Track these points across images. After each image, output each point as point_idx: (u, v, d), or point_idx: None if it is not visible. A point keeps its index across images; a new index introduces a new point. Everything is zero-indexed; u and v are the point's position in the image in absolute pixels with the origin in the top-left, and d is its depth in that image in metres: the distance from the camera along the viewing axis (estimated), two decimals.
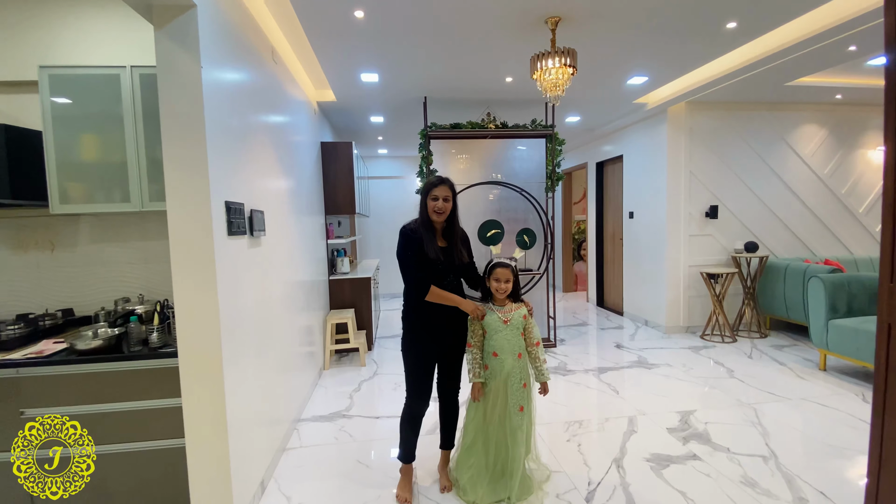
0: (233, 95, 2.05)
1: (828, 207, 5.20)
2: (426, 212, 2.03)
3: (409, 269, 1.98)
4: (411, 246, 1.98)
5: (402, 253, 1.99)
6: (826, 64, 3.66)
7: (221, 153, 1.87)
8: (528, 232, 4.47)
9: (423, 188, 2.06)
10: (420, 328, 2.04)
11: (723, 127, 4.93)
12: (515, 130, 4.37)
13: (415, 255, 1.97)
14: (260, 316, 2.29)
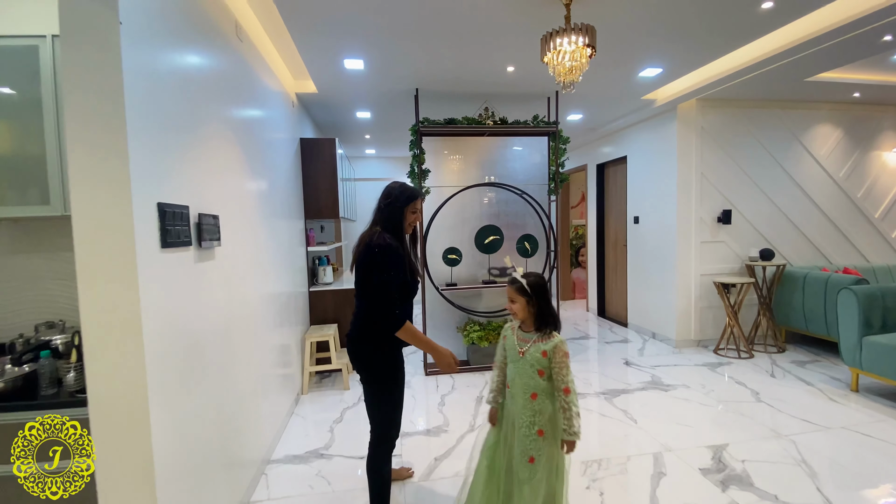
0: (177, 74, 1.61)
1: (843, 212, 4.91)
2: (402, 224, 1.81)
3: (391, 292, 1.68)
4: (399, 265, 1.71)
5: (384, 273, 1.67)
6: (855, 56, 3.35)
7: (157, 145, 1.44)
8: (529, 238, 4.08)
9: (404, 197, 1.81)
10: (393, 350, 1.79)
11: (735, 126, 4.61)
12: (516, 127, 3.98)
13: (399, 276, 1.71)
14: (214, 339, 1.84)
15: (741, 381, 3.62)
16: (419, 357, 4.42)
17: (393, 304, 1.67)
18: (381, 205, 1.82)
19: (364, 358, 1.77)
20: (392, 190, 1.82)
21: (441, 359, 1.77)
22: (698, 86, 3.97)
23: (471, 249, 4.07)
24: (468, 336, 3.94)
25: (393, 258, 1.69)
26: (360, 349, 1.77)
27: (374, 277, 1.67)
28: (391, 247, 1.70)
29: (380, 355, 1.75)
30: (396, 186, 1.84)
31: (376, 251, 1.68)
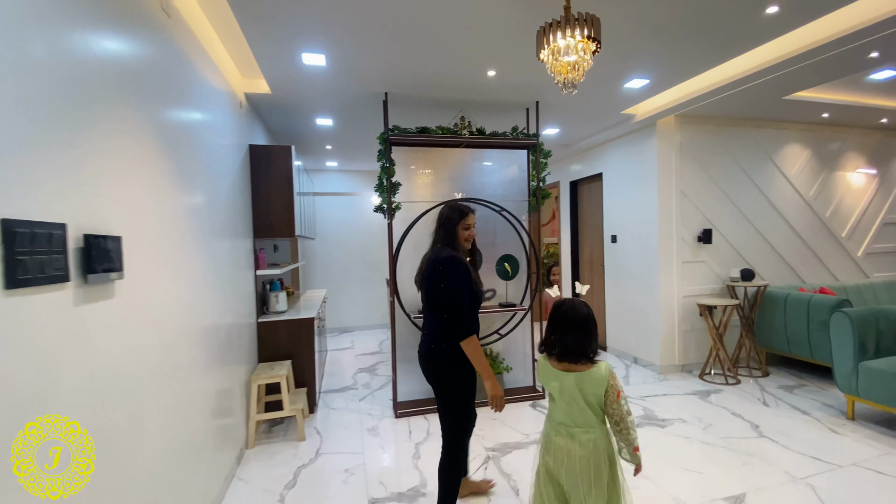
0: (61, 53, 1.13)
1: (814, 232, 4.91)
2: (457, 241, 1.95)
3: (463, 306, 1.78)
4: (468, 280, 1.83)
5: (458, 287, 1.79)
6: (840, 72, 3.27)
7: (10, 138, 0.94)
8: (509, 259, 3.72)
9: (455, 215, 1.96)
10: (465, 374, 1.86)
11: (712, 143, 4.52)
12: (494, 138, 3.65)
13: (467, 287, 1.82)
14: (110, 404, 1.31)
15: (737, 413, 3.37)
16: (386, 395, 3.92)
17: (465, 313, 1.76)
18: (437, 227, 1.99)
19: (438, 375, 1.86)
20: (443, 211, 2.00)
21: (496, 390, 1.80)
22: (679, 101, 3.83)
23: None
24: None
25: (459, 269, 1.81)
26: (432, 366, 1.86)
27: (445, 290, 1.77)
28: (455, 259, 1.82)
29: (453, 373, 1.82)
30: (447, 207, 2.01)
31: (443, 265, 1.81)
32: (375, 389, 4.11)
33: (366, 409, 3.63)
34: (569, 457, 1.50)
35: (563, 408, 1.54)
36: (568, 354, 1.52)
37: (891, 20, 2.43)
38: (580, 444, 1.49)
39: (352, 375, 4.55)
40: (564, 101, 3.79)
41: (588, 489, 1.48)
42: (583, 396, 1.49)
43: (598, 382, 1.48)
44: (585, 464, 1.48)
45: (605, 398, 1.48)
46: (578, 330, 1.51)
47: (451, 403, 1.88)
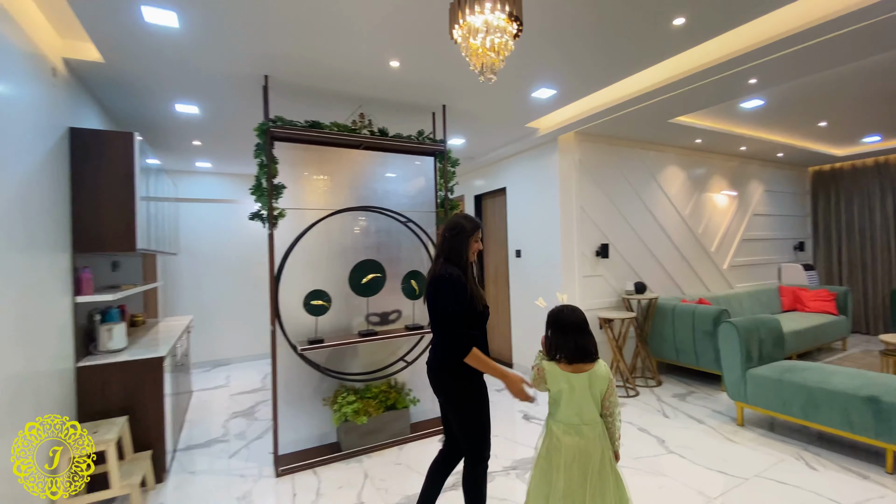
0: None
1: (690, 247, 5.37)
2: (467, 254, 1.90)
3: (459, 323, 1.76)
4: (463, 295, 1.79)
5: (451, 303, 1.75)
6: (723, 97, 3.52)
7: None
8: (416, 276, 3.32)
9: (467, 226, 1.91)
10: (472, 382, 1.82)
11: (607, 161, 4.68)
12: (399, 141, 3.25)
13: (465, 306, 1.79)
14: None
15: (643, 428, 3.35)
16: (266, 446, 3.20)
17: (460, 330, 1.74)
18: (446, 235, 1.91)
19: (443, 386, 1.85)
20: (456, 221, 1.93)
21: (512, 385, 1.78)
22: (579, 118, 3.85)
23: (343, 291, 3.13)
24: (339, 410, 2.92)
25: (455, 286, 1.78)
26: (438, 377, 1.86)
27: (439, 306, 1.77)
28: (453, 276, 1.79)
29: (456, 383, 1.82)
30: (459, 217, 1.95)
31: (438, 281, 1.79)
32: (252, 440, 3.35)
33: (237, 469, 2.89)
34: (580, 452, 1.58)
35: (571, 407, 1.63)
36: (581, 355, 1.63)
37: (771, 46, 2.59)
38: (588, 439, 1.60)
39: (223, 423, 3.70)
40: (472, 108, 3.56)
41: (603, 477, 1.57)
42: (590, 393, 1.62)
43: (603, 378, 1.63)
44: (598, 455, 1.59)
45: (607, 391, 1.64)
46: (583, 332, 1.66)
47: (463, 418, 1.84)
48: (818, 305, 5.57)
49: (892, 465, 2.53)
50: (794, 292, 5.86)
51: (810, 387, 2.89)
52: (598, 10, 2.24)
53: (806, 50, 2.63)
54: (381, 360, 3.31)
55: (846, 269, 6.52)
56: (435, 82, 3.02)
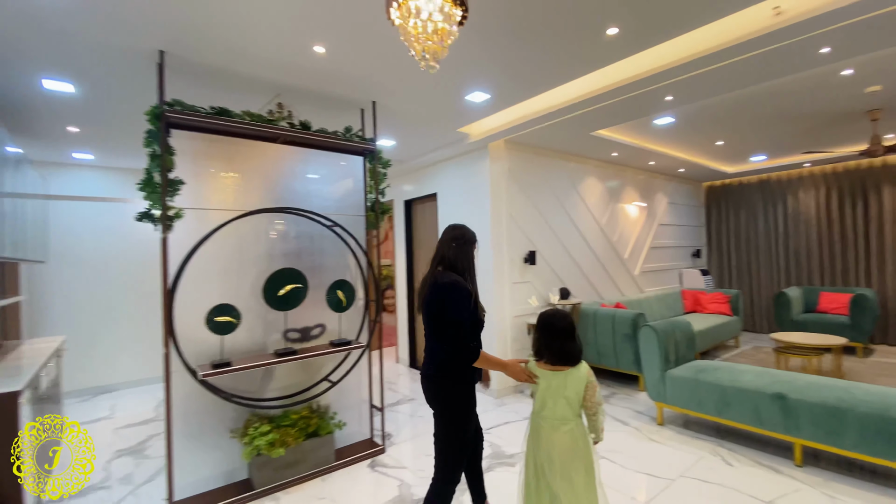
0: None
1: (606, 254, 5.66)
2: (473, 263, 1.95)
3: (466, 330, 1.77)
4: (468, 300, 1.81)
5: (459, 312, 1.76)
6: (640, 113, 3.72)
7: None
8: (343, 286, 3.03)
9: (469, 238, 1.97)
10: (470, 388, 1.86)
11: (534, 171, 4.77)
12: (324, 137, 2.96)
13: (471, 314, 1.82)
14: None
15: None
16: (159, 490, 2.68)
17: (468, 337, 1.77)
18: (449, 244, 1.93)
19: (442, 394, 1.83)
20: (462, 231, 1.98)
21: (512, 369, 1.85)
22: (509, 126, 3.86)
23: (256, 305, 2.74)
24: (251, 443, 2.53)
25: (463, 294, 1.79)
26: (438, 385, 1.84)
27: (448, 314, 1.76)
28: (459, 283, 1.80)
29: (456, 392, 1.82)
30: (462, 227, 2.00)
31: (447, 289, 1.78)
32: (141, 484, 2.79)
33: None
34: (553, 445, 1.74)
35: (549, 404, 1.77)
36: (564, 359, 1.76)
37: (687, 65, 2.75)
38: (561, 433, 1.74)
39: (103, 464, 3.05)
40: (404, 107, 3.37)
41: (570, 470, 1.71)
42: (564, 393, 1.74)
43: (580, 380, 1.74)
44: (567, 449, 1.73)
45: (585, 392, 1.75)
46: (568, 336, 1.77)
47: (452, 429, 1.85)
48: (715, 307, 6.16)
49: (800, 458, 2.76)
50: (695, 295, 6.44)
51: (723, 385, 3.08)
52: (537, 15, 2.19)
53: (718, 70, 2.82)
54: (301, 381, 2.96)
55: (735, 273, 7.34)
56: (365, 75, 2.79)
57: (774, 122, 4.41)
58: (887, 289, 5.85)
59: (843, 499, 2.37)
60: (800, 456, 2.75)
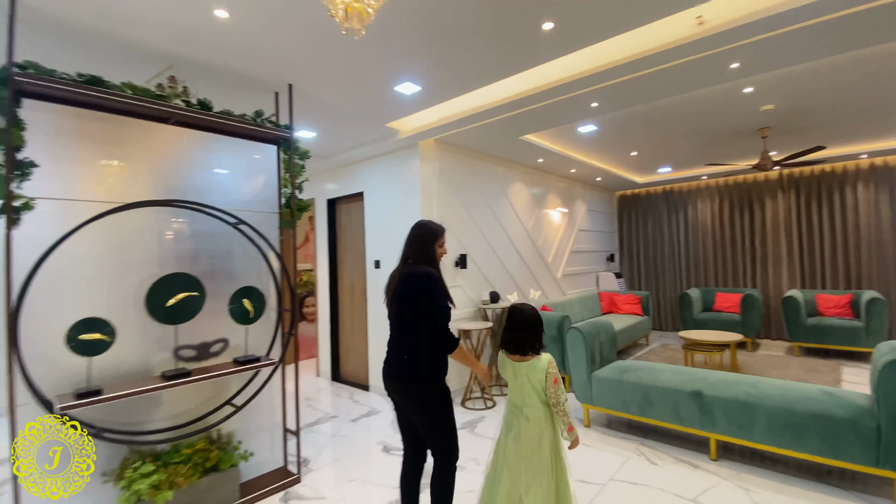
0: None
1: (532, 257, 5.74)
2: (435, 259, 1.98)
3: (445, 318, 1.83)
4: (444, 290, 1.89)
5: (439, 300, 1.82)
6: (568, 118, 3.76)
7: None
8: (250, 294, 2.63)
9: (433, 234, 1.99)
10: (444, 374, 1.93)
11: (464, 173, 4.67)
12: (228, 120, 2.55)
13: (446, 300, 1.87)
14: None
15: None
16: None
17: (447, 325, 1.82)
18: (414, 242, 1.99)
19: (420, 393, 1.84)
20: (426, 225, 2.03)
21: (481, 371, 2.01)
22: (441, 123, 3.71)
23: (138, 319, 2.26)
24: (130, 487, 2.05)
25: (439, 283, 1.86)
26: (412, 387, 1.84)
27: (426, 304, 1.79)
28: (433, 273, 1.87)
29: (431, 387, 1.84)
30: (428, 222, 2.04)
31: (422, 280, 1.83)
32: None
33: None
34: (521, 430, 1.85)
35: (515, 391, 1.90)
36: (519, 349, 1.88)
37: (612, 71, 2.78)
38: (528, 419, 1.85)
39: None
40: (326, 94, 3.06)
41: (541, 456, 1.81)
42: (529, 381, 1.86)
43: (541, 370, 1.85)
44: (532, 435, 1.82)
45: (546, 383, 1.84)
46: (526, 328, 1.89)
47: (437, 417, 1.87)
48: (628, 308, 6.54)
49: (715, 452, 2.89)
50: (610, 297, 6.78)
51: (645, 385, 3.17)
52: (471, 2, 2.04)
53: (641, 78, 2.90)
54: (196, 408, 2.50)
55: (644, 276, 7.90)
56: (279, 50, 2.45)
57: (681, 136, 4.75)
58: (769, 289, 6.62)
59: (756, 490, 2.50)
60: (714, 450, 2.89)
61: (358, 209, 4.83)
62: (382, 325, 4.49)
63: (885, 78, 3.26)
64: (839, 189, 6.09)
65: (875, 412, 2.33)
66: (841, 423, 2.40)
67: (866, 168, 5.89)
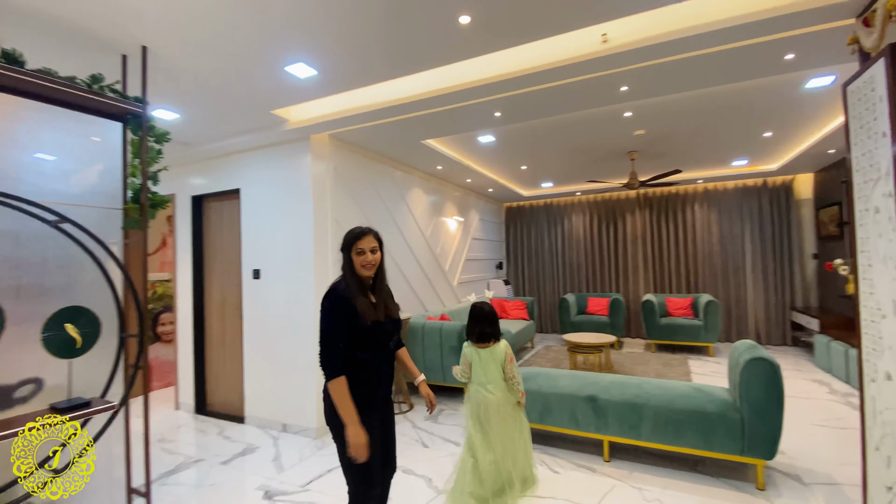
0: None
1: (430, 265, 5.62)
2: (353, 268, 1.78)
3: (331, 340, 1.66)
4: (339, 309, 1.69)
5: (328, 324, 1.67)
6: (472, 125, 3.71)
7: None
8: (77, 316, 1.95)
9: (345, 243, 1.79)
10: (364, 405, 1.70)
11: (362, 175, 4.34)
12: (47, 81, 1.87)
13: (344, 323, 1.68)
14: None
15: (408, 469, 3.01)
16: None
17: (333, 353, 1.66)
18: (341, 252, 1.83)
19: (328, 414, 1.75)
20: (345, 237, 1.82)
21: (357, 438, 1.63)
22: (339, 116, 3.35)
23: None
24: None
25: (334, 305, 1.69)
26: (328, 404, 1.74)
27: (320, 324, 1.70)
28: (332, 292, 1.72)
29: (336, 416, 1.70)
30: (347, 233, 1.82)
31: (323, 298, 1.73)
32: None
33: None
34: (487, 403, 2.43)
35: (481, 371, 2.47)
36: (484, 339, 2.49)
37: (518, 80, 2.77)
38: (492, 394, 2.44)
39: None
40: (194, 63, 2.49)
41: (502, 423, 2.42)
42: (492, 363, 2.45)
43: (500, 352, 2.47)
44: (498, 407, 2.42)
45: (504, 362, 2.46)
46: (487, 321, 2.49)
47: (342, 450, 1.71)
48: (517, 313, 6.81)
49: (608, 453, 3.01)
50: (501, 303, 7.00)
51: (545, 393, 3.20)
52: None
53: (544, 91, 2.95)
54: None
55: (528, 283, 8.37)
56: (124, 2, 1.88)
57: (567, 153, 5.08)
58: (629, 294, 7.51)
59: (647, 488, 2.65)
60: (607, 452, 3.02)
61: (232, 209, 4.15)
62: (262, 344, 3.89)
63: (723, 113, 3.83)
64: (682, 208, 7.19)
65: (738, 405, 2.65)
66: (713, 417, 2.67)
67: (702, 192, 7.05)
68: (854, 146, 2.00)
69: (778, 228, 6.54)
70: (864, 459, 1.98)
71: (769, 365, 2.55)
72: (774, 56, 2.56)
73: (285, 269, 3.78)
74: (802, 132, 4.53)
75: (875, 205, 1.84)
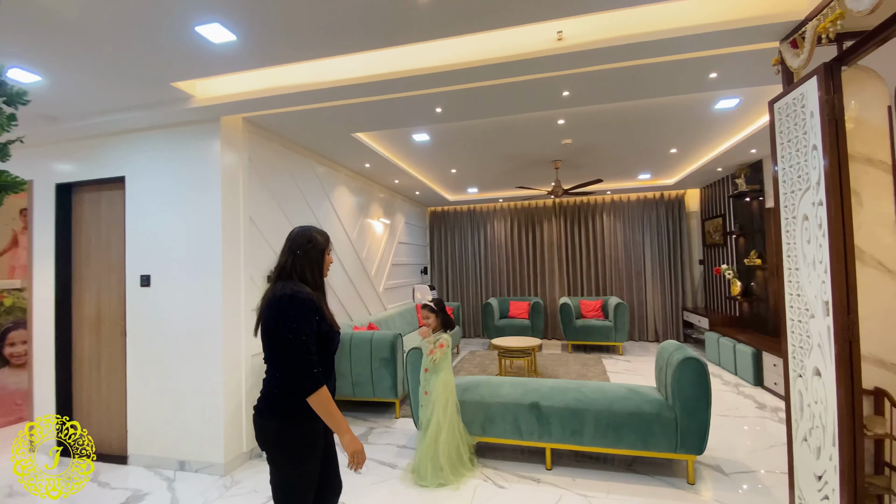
0: None
1: (356, 270, 5.25)
2: (322, 270, 1.72)
3: (308, 347, 1.50)
4: (311, 315, 1.54)
5: (297, 325, 1.49)
6: (411, 120, 3.48)
7: None
8: None
9: (317, 243, 1.69)
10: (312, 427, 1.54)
11: (280, 166, 3.86)
12: None
13: (315, 330, 1.54)
14: None
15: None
16: None
17: (312, 360, 1.50)
18: (295, 252, 1.65)
19: (273, 435, 1.54)
20: (306, 234, 1.69)
21: (354, 445, 1.54)
22: (259, 95, 2.91)
23: None
24: None
25: (305, 306, 1.53)
26: (268, 425, 1.55)
27: (287, 332, 1.49)
28: (298, 294, 1.55)
29: (293, 432, 1.53)
30: (311, 230, 1.72)
31: (285, 302, 1.53)
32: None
33: None
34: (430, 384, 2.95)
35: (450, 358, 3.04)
36: (447, 325, 3.12)
37: (466, 72, 2.61)
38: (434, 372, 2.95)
39: None
40: (65, 7, 1.92)
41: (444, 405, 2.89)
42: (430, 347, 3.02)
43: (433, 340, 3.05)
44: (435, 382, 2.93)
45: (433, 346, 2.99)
46: None
47: (285, 475, 1.53)
48: None
49: (550, 461, 2.95)
50: None
51: (487, 402, 3.07)
52: None
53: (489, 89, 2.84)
54: None
55: (452, 287, 8.30)
56: None
57: (498, 158, 5.08)
58: (547, 297, 7.81)
59: (592, 494, 2.63)
60: (549, 459, 2.97)
61: (114, 202, 3.41)
62: (153, 365, 3.23)
63: (642, 126, 4.08)
64: (592, 217, 7.68)
65: (671, 404, 2.75)
66: (650, 417, 2.75)
67: (609, 202, 7.60)
68: (781, 159, 2.16)
69: (672, 237, 7.27)
70: (791, 449, 2.13)
71: (699, 364, 2.69)
72: (700, 74, 2.73)
73: (185, 274, 3.18)
74: (700, 151, 5.04)
75: (803, 213, 1.98)
